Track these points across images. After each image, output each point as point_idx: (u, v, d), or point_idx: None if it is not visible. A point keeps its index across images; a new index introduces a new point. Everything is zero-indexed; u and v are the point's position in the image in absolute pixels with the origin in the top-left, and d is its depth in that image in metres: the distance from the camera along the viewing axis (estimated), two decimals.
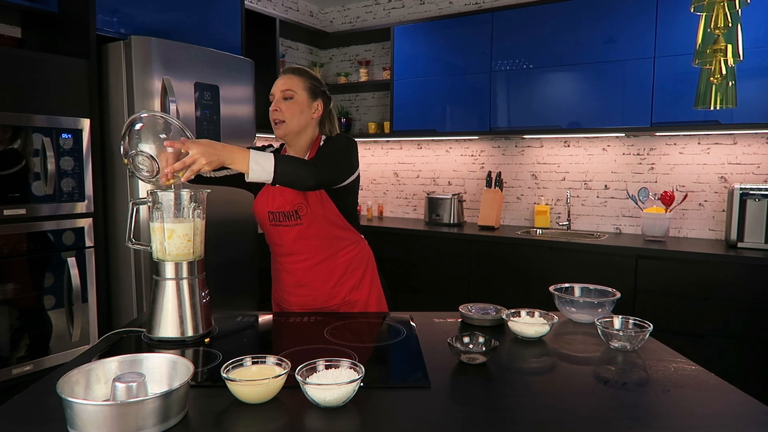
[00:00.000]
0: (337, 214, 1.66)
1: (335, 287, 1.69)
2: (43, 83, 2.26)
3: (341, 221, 1.68)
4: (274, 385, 0.98)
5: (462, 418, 0.95)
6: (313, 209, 1.62)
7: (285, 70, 1.75)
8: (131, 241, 1.41)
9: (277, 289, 1.77)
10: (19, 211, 2.19)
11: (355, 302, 1.71)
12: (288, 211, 1.63)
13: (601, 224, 3.55)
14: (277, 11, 4.13)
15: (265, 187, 1.70)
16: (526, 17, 3.37)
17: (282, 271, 1.72)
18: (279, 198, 1.65)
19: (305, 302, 1.70)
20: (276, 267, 1.76)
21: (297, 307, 1.71)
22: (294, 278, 1.69)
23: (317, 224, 1.64)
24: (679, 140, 3.27)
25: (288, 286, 1.71)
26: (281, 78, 1.72)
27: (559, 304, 1.56)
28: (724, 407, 1.01)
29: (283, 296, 1.74)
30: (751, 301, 2.60)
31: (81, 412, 0.82)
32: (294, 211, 1.62)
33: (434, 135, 3.81)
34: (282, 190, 1.64)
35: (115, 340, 1.34)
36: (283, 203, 1.64)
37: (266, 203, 1.67)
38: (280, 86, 1.70)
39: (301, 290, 1.70)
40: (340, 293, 1.70)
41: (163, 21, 2.81)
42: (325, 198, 1.63)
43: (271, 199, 1.66)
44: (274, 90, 1.71)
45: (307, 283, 1.69)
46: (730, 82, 1.64)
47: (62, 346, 2.35)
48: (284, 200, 1.63)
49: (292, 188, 1.50)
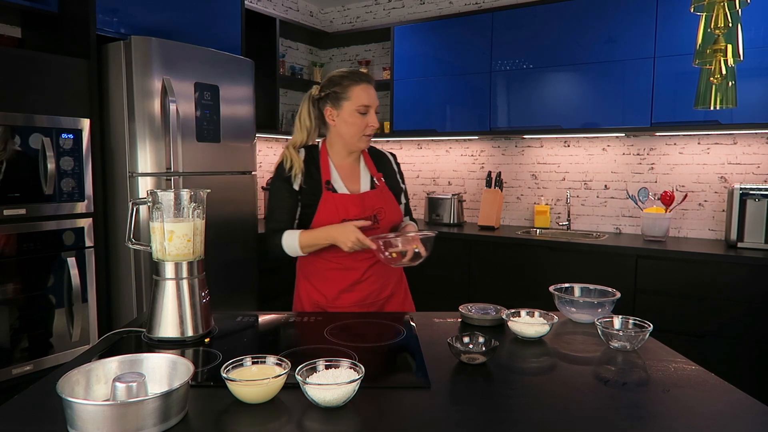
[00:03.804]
0: (400, 214, 1.80)
1: (387, 281, 1.78)
2: (43, 83, 2.26)
3: (400, 220, 1.80)
4: (274, 385, 0.98)
5: (462, 418, 0.95)
6: (388, 213, 1.74)
7: (368, 78, 1.72)
8: (131, 241, 1.41)
9: (325, 289, 1.73)
10: (19, 211, 2.19)
11: (395, 295, 1.80)
12: (367, 217, 1.69)
13: (601, 224, 3.55)
14: (277, 11, 4.13)
15: (337, 198, 1.68)
16: (526, 17, 3.37)
17: (339, 270, 1.71)
18: (355, 207, 1.68)
19: (360, 298, 1.72)
20: (327, 267, 1.72)
21: (350, 304, 1.71)
22: (355, 275, 1.72)
23: (387, 226, 1.74)
24: (679, 140, 3.27)
25: (345, 284, 1.71)
26: (371, 88, 1.70)
27: (559, 304, 1.56)
28: (724, 407, 1.01)
29: (334, 295, 1.71)
30: (751, 301, 2.60)
31: (81, 412, 0.82)
32: (373, 216, 1.71)
33: (434, 135, 3.81)
34: (365, 197, 1.70)
35: (115, 340, 1.34)
36: (363, 210, 1.69)
37: (338, 212, 1.66)
38: (376, 98, 1.72)
39: (361, 286, 1.72)
40: (388, 287, 1.78)
41: (163, 21, 2.81)
42: (395, 201, 1.78)
43: (343, 209, 1.67)
44: (370, 101, 1.68)
45: (368, 278, 1.73)
46: (730, 82, 1.64)
47: (62, 346, 2.35)
48: (364, 207, 1.69)
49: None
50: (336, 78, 1.69)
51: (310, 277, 1.76)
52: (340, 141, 1.73)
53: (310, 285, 1.76)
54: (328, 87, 1.69)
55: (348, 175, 1.75)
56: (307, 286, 1.76)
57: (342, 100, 1.67)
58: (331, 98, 1.68)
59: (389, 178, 1.82)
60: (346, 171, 1.75)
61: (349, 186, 1.73)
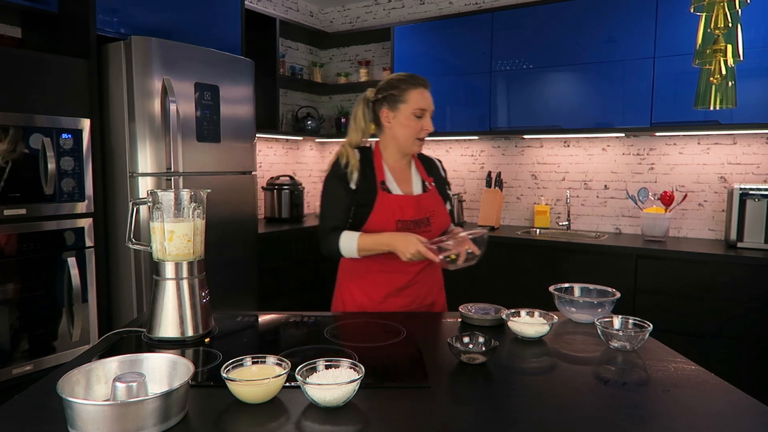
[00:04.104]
0: (449, 219, 1.80)
1: (431, 287, 1.78)
2: (43, 83, 2.26)
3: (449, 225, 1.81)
4: (274, 385, 0.98)
5: (462, 418, 0.95)
6: (439, 217, 1.75)
7: (426, 82, 1.72)
8: (131, 241, 1.41)
9: (372, 292, 1.72)
10: (19, 211, 2.19)
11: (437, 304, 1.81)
12: (421, 218, 1.70)
13: (601, 224, 3.55)
14: (277, 11, 4.13)
15: (392, 199, 1.68)
16: (526, 17, 3.37)
17: (388, 273, 1.70)
18: (411, 208, 1.69)
19: (405, 303, 1.72)
20: (377, 269, 1.71)
21: (398, 307, 1.71)
22: (404, 279, 1.71)
23: (439, 229, 1.74)
24: (678, 140, 3.27)
25: (393, 288, 1.71)
26: (428, 93, 1.71)
27: (559, 304, 1.56)
28: (724, 407, 1.01)
29: (380, 298, 1.71)
30: (751, 301, 2.60)
31: (81, 412, 0.82)
32: (426, 218, 1.71)
33: (434, 135, 3.81)
34: (419, 200, 1.71)
35: (115, 340, 1.34)
36: (418, 212, 1.70)
37: (394, 213, 1.67)
38: (432, 102, 1.71)
39: (408, 291, 1.72)
40: (432, 294, 1.79)
41: (163, 21, 2.81)
42: (444, 206, 1.80)
43: (398, 210, 1.67)
44: (426, 105, 1.69)
45: (415, 283, 1.73)
46: (730, 82, 1.64)
47: (62, 346, 2.35)
48: (419, 209, 1.70)
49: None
50: (394, 81, 1.70)
51: (357, 278, 1.74)
52: (393, 143, 1.73)
53: (356, 287, 1.74)
54: (386, 89, 1.70)
55: (400, 177, 1.75)
56: (352, 288, 1.75)
57: (399, 103, 1.68)
58: (389, 100, 1.70)
59: (437, 183, 1.83)
60: (398, 173, 1.75)
61: (402, 188, 1.73)
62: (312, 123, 4.22)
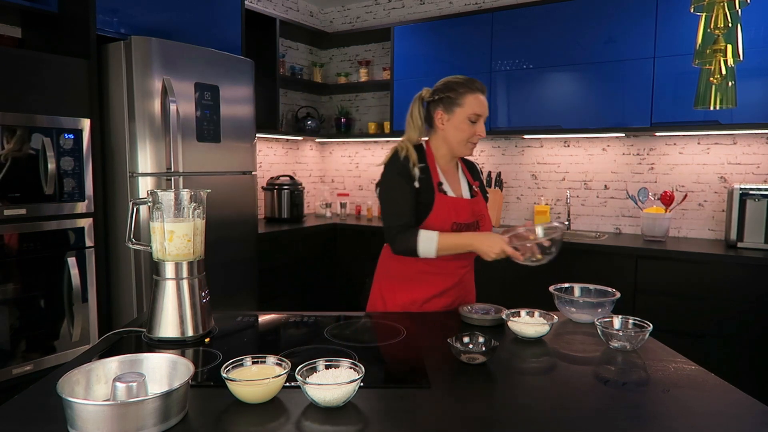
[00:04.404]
0: (491, 223, 1.82)
1: (470, 289, 1.82)
2: (43, 83, 2.26)
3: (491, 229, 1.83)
4: (274, 385, 0.98)
5: (462, 418, 0.95)
6: (486, 221, 1.78)
7: (483, 87, 1.71)
8: (131, 241, 1.41)
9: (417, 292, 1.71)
10: (19, 211, 2.19)
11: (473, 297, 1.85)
12: (471, 222, 1.71)
13: (601, 224, 3.55)
14: (277, 11, 4.13)
15: (449, 202, 1.68)
16: (526, 17, 3.37)
17: (435, 274, 1.70)
18: (465, 211, 1.70)
19: (447, 304, 1.72)
20: (425, 270, 1.70)
21: (440, 307, 1.71)
22: (453, 280, 1.72)
23: (485, 231, 1.77)
24: (678, 140, 3.27)
25: (443, 288, 1.71)
26: (484, 98, 1.69)
27: (559, 304, 1.56)
28: (724, 407, 1.01)
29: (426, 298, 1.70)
30: (751, 301, 2.59)
31: (81, 412, 0.82)
32: (476, 222, 1.73)
33: None
34: (472, 204, 1.72)
35: (115, 340, 1.34)
36: (470, 215, 1.71)
37: (450, 215, 1.67)
38: (487, 108, 1.70)
39: (454, 290, 1.74)
40: (470, 295, 1.82)
41: (163, 21, 2.81)
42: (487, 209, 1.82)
43: (455, 213, 1.67)
44: (482, 111, 1.68)
45: (463, 281, 1.76)
46: (730, 82, 1.64)
47: (62, 346, 2.35)
48: (472, 213, 1.72)
49: None
50: (452, 83, 1.69)
51: (403, 279, 1.72)
52: (444, 145, 1.73)
53: (399, 286, 1.72)
54: (443, 91, 1.69)
55: (451, 179, 1.75)
56: (394, 287, 1.73)
57: (455, 106, 1.67)
58: (444, 102, 1.69)
59: (480, 187, 1.84)
60: (449, 175, 1.76)
61: (454, 190, 1.74)
62: (312, 123, 4.22)
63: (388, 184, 1.67)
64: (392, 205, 1.64)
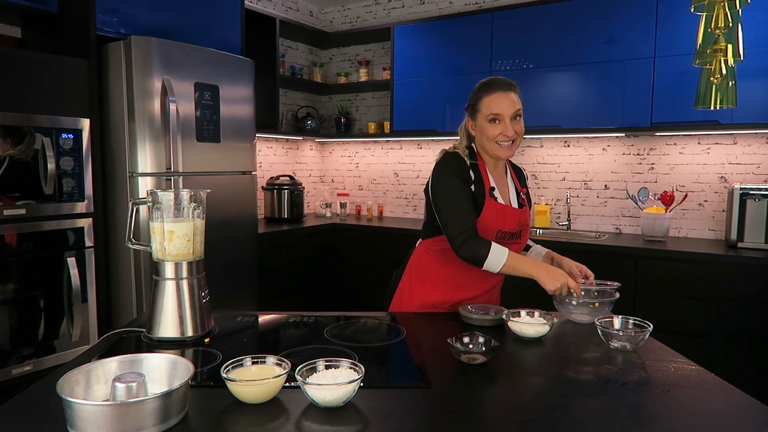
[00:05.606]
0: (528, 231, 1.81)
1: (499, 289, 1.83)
2: (43, 83, 2.26)
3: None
4: (274, 385, 0.98)
5: (462, 418, 0.95)
6: (528, 230, 1.79)
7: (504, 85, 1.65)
8: (131, 241, 1.41)
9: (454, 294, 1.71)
10: (19, 211, 2.19)
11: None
12: (515, 231, 1.71)
13: (601, 224, 3.55)
14: (277, 11, 4.13)
15: (499, 209, 1.67)
16: (526, 17, 3.37)
17: (478, 279, 1.70)
18: (513, 220, 1.70)
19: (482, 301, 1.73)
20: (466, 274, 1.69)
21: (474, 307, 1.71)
22: (491, 283, 1.74)
23: (524, 242, 1.80)
24: (679, 140, 3.27)
25: (478, 290, 1.72)
26: (506, 95, 1.63)
27: (559, 304, 1.56)
28: (724, 407, 1.01)
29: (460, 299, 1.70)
30: (751, 301, 2.59)
31: (81, 412, 0.82)
32: (519, 231, 1.73)
33: (434, 135, 3.81)
34: (521, 214, 1.72)
35: (115, 340, 1.34)
36: (516, 225, 1.71)
37: (497, 223, 1.66)
38: (511, 106, 1.63)
39: (486, 296, 1.75)
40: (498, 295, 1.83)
41: (163, 21, 2.81)
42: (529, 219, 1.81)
43: (502, 220, 1.67)
44: (501, 110, 1.62)
45: (495, 285, 1.78)
46: (730, 82, 1.64)
47: (62, 346, 2.35)
48: (517, 222, 1.72)
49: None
50: (474, 89, 1.70)
51: (436, 279, 1.72)
52: (482, 150, 1.73)
53: (432, 287, 1.72)
54: (469, 99, 1.72)
55: (500, 184, 1.74)
56: (429, 287, 1.72)
57: (475, 112, 1.68)
58: (470, 110, 1.72)
59: (527, 195, 1.84)
60: (498, 179, 1.74)
61: (503, 196, 1.73)
62: (312, 123, 4.22)
63: (448, 185, 1.63)
64: (457, 209, 1.60)
